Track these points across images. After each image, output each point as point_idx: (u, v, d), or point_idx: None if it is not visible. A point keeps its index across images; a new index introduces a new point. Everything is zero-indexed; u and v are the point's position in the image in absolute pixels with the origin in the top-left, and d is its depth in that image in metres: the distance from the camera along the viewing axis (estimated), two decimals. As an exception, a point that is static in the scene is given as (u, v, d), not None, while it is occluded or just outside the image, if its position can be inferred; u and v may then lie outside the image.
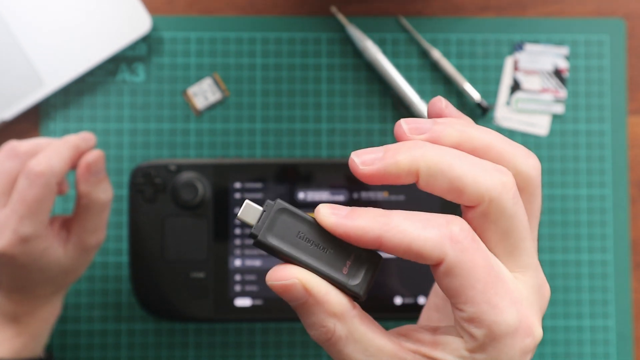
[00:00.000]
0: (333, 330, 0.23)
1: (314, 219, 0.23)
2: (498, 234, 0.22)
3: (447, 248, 0.21)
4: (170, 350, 0.49)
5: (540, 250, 0.50)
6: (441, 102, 0.25)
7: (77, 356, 0.48)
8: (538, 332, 0.23)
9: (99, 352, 0.48)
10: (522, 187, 0.24)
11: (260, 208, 0.23)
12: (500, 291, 0.22)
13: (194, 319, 0.45)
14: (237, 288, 0.45)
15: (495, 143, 0.23)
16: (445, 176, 0.22)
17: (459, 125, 0.23)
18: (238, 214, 0.22)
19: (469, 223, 0.23)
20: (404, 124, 0.23)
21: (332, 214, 0.22)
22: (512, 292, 0.22)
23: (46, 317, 0.42)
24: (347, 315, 0.23)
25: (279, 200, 0.23)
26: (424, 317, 0.29)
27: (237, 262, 0.45)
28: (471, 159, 0.22)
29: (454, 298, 0.22)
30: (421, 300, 0.45)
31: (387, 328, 0.50)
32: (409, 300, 0.45)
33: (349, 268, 0.23)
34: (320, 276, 0.22)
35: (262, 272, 0.45)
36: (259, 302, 0.45)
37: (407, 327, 0.25)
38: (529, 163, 0.23)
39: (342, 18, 0.50)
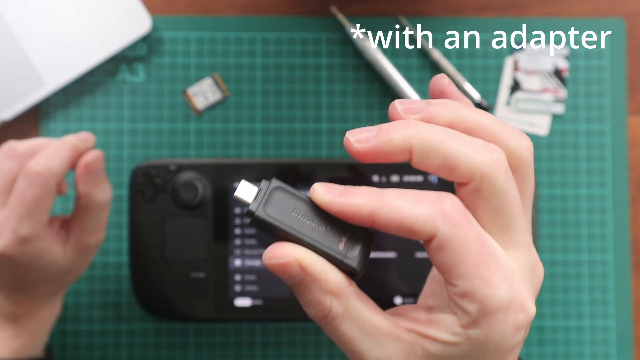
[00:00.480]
0: (329, 307, 0.23)
1: (309, 197, 0.23)
2: (490, 211, 0.23)
3: (439, 223, 0.21)
4: (170, 350, 0.49)
5: (540, 250, 0.50)
6: (443, 79, 0.25)
7: (77, 356, 0.48)
8: (531, 309, 0.23)
9: (99, 352, 0.48)
10: (515, 166, 0.24)
11: (256, 187, 0.23)
12: (493, 266, 0.22)
13: (194, 319, 0.45)
14: (237, 288, 0.45)
15: (487, 123, 0.24)
16: (437, 153, 0.22)
17: (452, 105, 0.24)
18: (235, 193, 0.23)
19: (461, 200, 0.23)
20: (398, 105, 0.24)
21: (327, 192, 0.23)
22: (505, 268, 0.23)
23: (46, 317, 0.42)
24: (343, 292, 0.23)
25: (274, 179, 0.23)
26: (420, 302, 0.29)
27: (237, 262, 0.45)
28: (463, 137, 0.22)
29: (446, 273, 0.22)
30: (408, 305, 0.45)
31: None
32: (409, 301, 0.45)
33: (344, 244, 0.23)
34: (317, 252, 0.23)
35: (262, 272, 0.45)
36: (259, 302, 0.45)
37: (403, 307, 0.25)
38: (521, 143, 0.24)
39: (342, 18, 0.50)
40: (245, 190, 0.23)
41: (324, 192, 0.23)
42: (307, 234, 0.23)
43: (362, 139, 0.23)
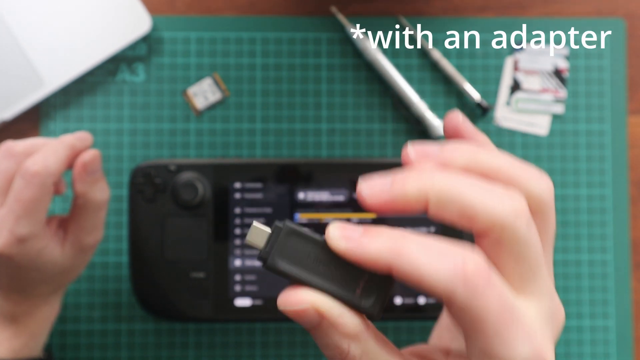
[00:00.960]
0: (347, 351, 0.22)
1: (324, 239, 0.22)
2: (512, 261, 0.22)
3: (459, 290, 0.20)
4: (170, 350, 0.49)
5: (540, 250, 0.50)
6: (458, 118, 0.24)
7: (77, 356, 0.48)
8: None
9: (99, 352, 0.48)
10: (535, 210, 0.23)
11: (268, 230, 0.22)
12: (514, 327, 0.21)
13: (194, 319, 0.45)
14: (237, 288, 0.45)
15: (505, 166, 0.22)
16: (455, 205, 0.21)
17: (467, 149, 0.23)
18: (246, 238, 0.22)
19: (482, 249, 0.22)
20: (411, 150, 0.23)
21: (343, 238, 0.22)
22: (526, 325, 0.21)
23: (45, 317, 0.41)
24: (361, 335, 0.22)
25: (287, 222, 0.22)
26: (436, 335, 0.29)
27: (237, 262, 0.45)
28: (481, 185, 0.21)
29: (465, 332, 0.21)
30: (421, 300, 0.45)
31: (387, 328, 0.50)
32: (409, 301, 0.45)
33: (362, 289, 0.22)
34: (333, 298, 0.22)
35: (262, 272, 0.45)
36: (258, 302, 0.45)
37: (421, 348, 0.24)
38: (541, 186, 0.23)
39: (342, 18, 0.50)
40: (257, 234, 0.22)
41: (339, 238, 0.22)
42: (323, 281, 0.22)
43: (375, 192, 0.22)
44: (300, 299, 0.22)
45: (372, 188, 0.22)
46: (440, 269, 0.20)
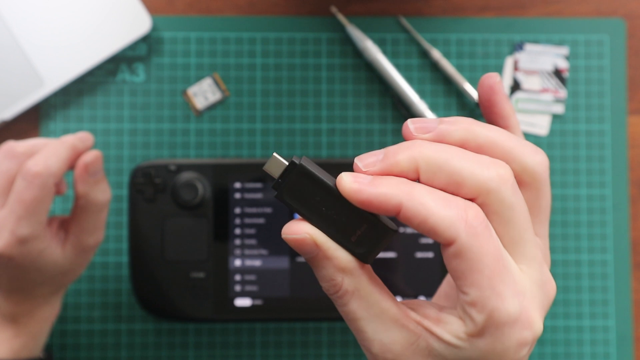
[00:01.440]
0: (341, 284, 0.24)
1: (333, 185, 0.23)
2: (500, 225, 0.23)
3: (461, 230, 0.22)
4: (170, 350, 0.49)
5: (540, 250, 0.50)
6: (495, 78, 0.26)
7: (77, 356, 0.48)
8: (538, 327, 0.23)
9: (99, 352, 0.48)
10: (529, 182, 0.25)
11: (285, 163, 0.23)
12: (506, 280, 0.22)
13: (194, 319, 0.45)
14: (237, 288, 0.45)
15: (500, 140, 0.24)
16: (443, 171, 0.22)
17: (464, 123, 0.24)
18: (264, 166, 0.23)
19: None
20: (410, 124, 0.24)
21: (355, 182, 0.23)
22: (517, 283, 0.23)
23: (45, 317, 0.41)
24: (355, 271, 0.24)
25: (302, 161, 0.23)
26: (434, 301, 0.30)
27: (237, 262, 0.45)
28: (468, 154, 0.23)
29: (459, 280, 0.23)
30: (421, 298, 0.45)
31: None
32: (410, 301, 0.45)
33: (358, 237, 0.23)
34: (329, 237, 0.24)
35: (262, 272, 0.45)
36: (258, 302, 0.45)
37: (415, 300, 0.25)
38: (536, 159, 0.24)
39: (342, 18, 0.50)
40: (275, 165, 0.23)
41: (351, 182, 0.23)
42: (323, 223, 0.23)
43: (369, 164, 0.23)
44: (300, 229, 0.23)
45: (367, 161, 0.23)
46: (445, 211, 0.22)
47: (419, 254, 0.46)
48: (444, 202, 0.22)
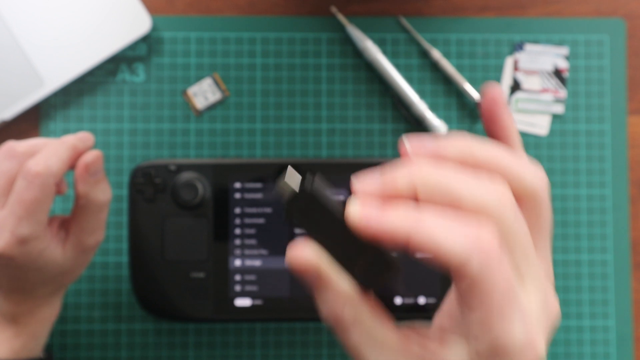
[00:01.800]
0: (341, 313, 0.23)
1: (341, 214, 0.23)
2: (504, 249, 0.22)
3: (473, 260, 0.21)
4: (171, 350, 0.49)
5: (540, 250, 0.50)
6: (498, 90, 0.25)
7: (77, 356, 0.48)
8: (541, 351, 0.23)
9: (99, 352, 0.48)
10: (528, 202, 0.24)
11: (298, 183, 0.23)
12: (515, 308, 0.22)
13: (194, 319, 0.45)
14: (237, 288, 0.45)
15: (499, 158, 0.23)
16: (441, 193, 0.22)
17: (461, 141, 0.23)
18: (280, 183, 0.23)
19: None
20: (406, 143, 0.24)
21: (362, 213, 0.22)
22: (524, 310, 0.22)
23: (45, 317, 0.41)
24: (356, 302, 0.23)
25: (315, 183, 0.23)
26: (437, 321, 0.29)
27: (237, 262, 0.45)
28: (467, 175, 0.22)
29: (467, 302, 0.22)
30: (421, 300, 0.45)
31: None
32: (409, 300, 0.45)
33: (361, 265, 0.23)
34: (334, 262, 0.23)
35: (262, 272, 0.45)
36: (258, 302, 0.45)
37: (417, 324, 0.25)
38: (534, 179, 0.24)
39: (342, 18, 0.50)
40: (288, 181, 0.23)
41: (359, 212, 0.22)
42: (328, 247, 0.23)
43: (366, 184, 0.23)
44: (303, 255, 0.23)
45: (364, 181, 0.23)
46: (456, 240, 0.21)
47: (419, 254, 0.46)
48: (455, 230, 0.21)
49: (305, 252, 0.23)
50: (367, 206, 0.22)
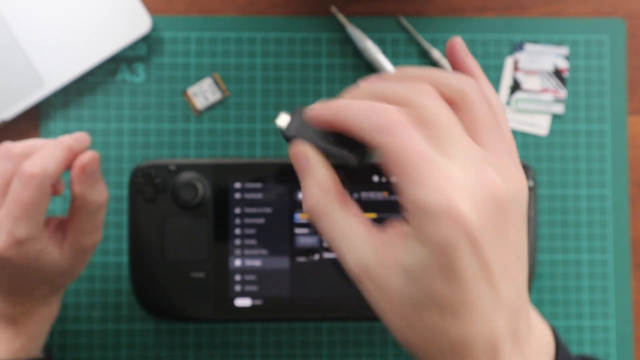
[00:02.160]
0: (317, 203, 0.28)
1: (316, 131, 0.30)
2: (422, 128, 0.26)
3: (380, 131, 0.26)
4: (171, 350, 0.49)
5: (540, 250, 0.50)
6: (456, 39, 0.31)
7: (77, 356, 0.48)
8: (465, 217, 0.24)
9: (99, 352, 0.48)
10: (458, 102, 0.28)
11: (289, 117, 0.31)
12: (427, 172, 0.25)
13: (194, 319, 0.45)
14: (237, 288, 0.45)
15: (427, 73, 0.28)
16: (372, 93, 0.28)
17: (401, 69, 0.29)
18: (276, 121, 0.31)
19: None
20: (362, 83, 0.29)
21: (314, 108, 0.29)
22: (441, 176, 0.25)
23: (44, 317, 0.41)
24: (330, 191, 0.28)
25: (300, 108, 0.31)
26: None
27: (237, 262, 0.45)
28: (396, 82, 0.28)
29: (389, 172, 0.26)
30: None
31: (384, 327, 0.50)
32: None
33: (346, 151, 0.29)
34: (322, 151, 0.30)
35: (262, 272, 0.45)
36: (258, 302, 0.45)
37: (391, 220, 0.30)
38: (459, 82, 0.28)
39: (342, 18, 0.50)
40: (283, 119, 0.31)
41: (313, 108, 0.29)
42: (318, 141, 0.30)
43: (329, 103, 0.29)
44: (299, 147, 0.30)
45: (329, 102, 0.29)
46: (367, 116, 0.26)
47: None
48: (364, 113, 0.26)
49: (300, 146, 0.30)
50: (318, 106, 0.29)
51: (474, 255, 0.25)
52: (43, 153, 0.37)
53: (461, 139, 0.26)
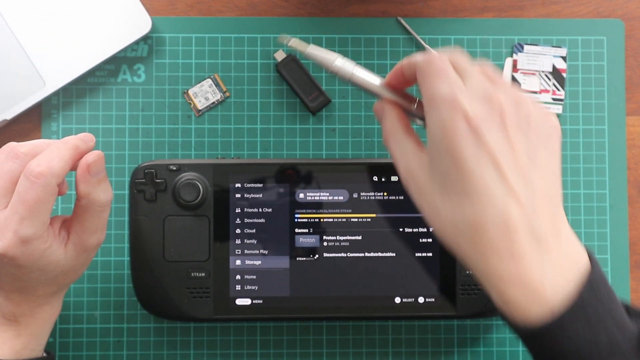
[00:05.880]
0: (388, 128, 0.37)
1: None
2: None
3: (424, 60, 0.35)
4: (172, 349, 0.49)
5: (539, 250, 0.50)
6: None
7: (79, 355, 0.49)
8: (473, 114, 0.33)
9: (101, 351, 0.49)
10: (418, 70, 0.35)
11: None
12: (444, 77, 0.34)
13: (194, 319, 0.45)
14: (238, 288, 0.45)
15: (413, 59, 0.36)
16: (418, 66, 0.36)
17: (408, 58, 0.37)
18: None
19: None
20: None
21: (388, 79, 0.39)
22: (454, 83, 0.34)
23: (46, 317, 0.42)
24: (396, 121, 0.37)
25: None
26: None
27: (238, 262, 0.45)
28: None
29: (420, 87, 0.36)
30: (420, 299, 0.46)
31: (387, 328, 0.50)
32: (409, 300, 0.46)
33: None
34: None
35: (262, 272, 0.45)
36: (259, 301, 0.45)
37: None
38: (411, 60, 0.36)
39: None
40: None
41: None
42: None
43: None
44: (377, 103, 0.39)
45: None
46: (418, 57, 0.36)
47: (418, 254, 0.46)
48: (420, 56, 0.36)
49: (377, 103, 0.39)
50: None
51: (476, 142, 0.31)
52: (49, 153, 0.37)
53: (478, 75, 0.34)
